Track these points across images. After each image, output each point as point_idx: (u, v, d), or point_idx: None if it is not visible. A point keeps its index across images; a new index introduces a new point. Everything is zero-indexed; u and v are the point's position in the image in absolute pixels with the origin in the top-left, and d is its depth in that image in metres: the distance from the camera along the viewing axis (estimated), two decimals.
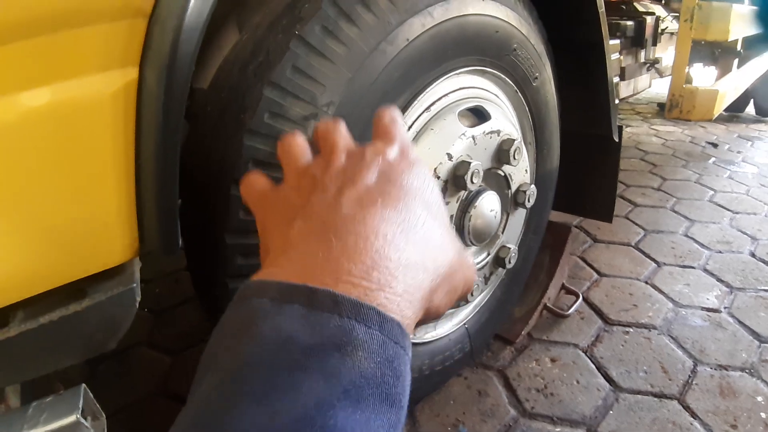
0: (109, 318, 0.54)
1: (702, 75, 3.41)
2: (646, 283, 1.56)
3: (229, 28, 0.92)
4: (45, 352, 0.53)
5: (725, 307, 1.43)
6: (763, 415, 1.07)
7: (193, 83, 0.91)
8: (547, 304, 1.33)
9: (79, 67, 0.45)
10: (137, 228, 0.52)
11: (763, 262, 1.68)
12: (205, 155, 0.65)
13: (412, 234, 0.30)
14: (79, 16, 0.44)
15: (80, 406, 0.52)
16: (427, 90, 0.78)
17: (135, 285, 0.54)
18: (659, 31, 2.20)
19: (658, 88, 3.13)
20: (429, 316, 0.32)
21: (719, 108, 1.97)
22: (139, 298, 0.55)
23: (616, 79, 1.85)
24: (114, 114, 0.47)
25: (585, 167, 1.32)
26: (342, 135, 0.38)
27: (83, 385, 0.58)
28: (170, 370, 1.21)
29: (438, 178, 0.77)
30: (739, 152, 2.97)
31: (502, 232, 0.96)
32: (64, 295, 0.51)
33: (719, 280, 1.58)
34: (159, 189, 0.50)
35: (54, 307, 0.51)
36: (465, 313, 1.07)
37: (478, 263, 0.93)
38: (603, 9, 1.06)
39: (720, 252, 1.75)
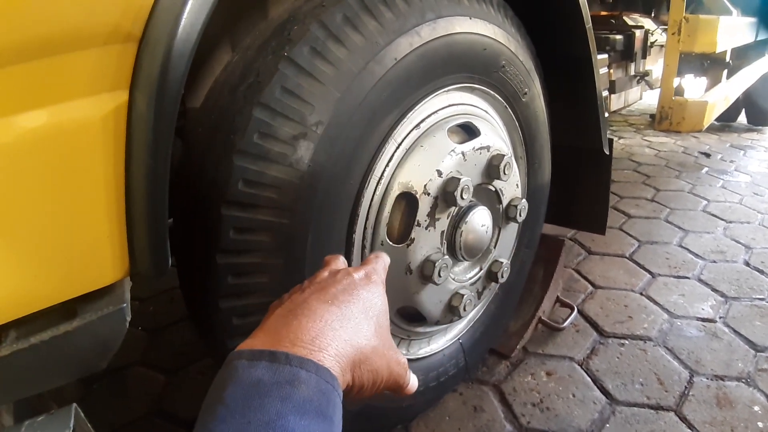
0: (99, 337, 0.54)
1: (693, 85, 3.45)
2: (641, 294, 1.56)
3: (222, 48, 0.93)
4: (37, 371, 0.53)
5: (720, 317, 1.44)
6: (760, 424, 1.07)
7: (186, 102, 0.93)
8: (542, 318, 1.33)
9: (71, 90, 0.46)
10: (127, 249, 0.52)
11: (758, 270, 1.69)
12: (196, 175, 0.66)
13: (345, 322, 0.46)
14: (70, 41, 0.45)
15: (71, 425, 0.52)
16: (416, 108, 0.79)
17: (125, 305, 0.54)
18: (649, 44, 2.23)
19: (650, 99, 3.17)
20: (358, 389, 0.47)
21: (709, 119, 1.99)
22: (129, 318, 0.55)
23: (605, 93, 1.87)
24: (104, 136, 0.48)
25: (577, 180, 1.33)
26: (338, 261, 0.56)
27: (74, 404, 0.58)
28: (164, 388, 1.20)
29: (428, 194, 0.78)
30: (731, 161, 3.00)
31: (494, 247, 0.97)
32: (55, 315, 0.51)
33: (714, 289, 1.58)
34: (149, 210, 0.51)
35: (45, 327, 0.51)
36: (459, 327, 1.07)
37: (470, 278, 0.94)
38: (590, 25, 1.08)
39: (714, 262, 1.76)
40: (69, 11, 0.44)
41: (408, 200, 0.79)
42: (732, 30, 2.16)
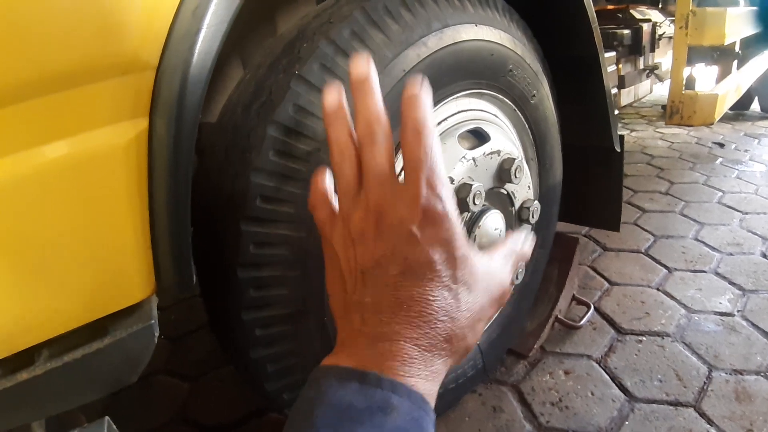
0: (129, 353, 0.56)
1: (705, 74, 3.42)
2: (658, 289, 1.56)
3: (233, 63, 0.95)
4: (70, 388, 0.55)
5: (738, 311, 1.43)
6: None
7: (201, 118, 0.95)
8: (559, 316, 1.34)
9: (94, 120, 0.48)
10: (153, 267, 0.54)
11: None
12: (214, 191, 0.68)
13: (432, 345, 0.40)
14: (92, 73, 0.47)
15: None
16: None
17: (153, 321, 0.56)
18: (657, 36, 2.22)
19: (661, 90, 3.14)
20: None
21: (720, 111, 1.97)
22: (157, 333, 0.57)
23: (614, 90, 1.87)
24: (127, 162, 0.50)
25: (589, 178, 1.33)
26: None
27: (107, 417, 0.60)
28: (188, 395, 1.23)
29: None
30: (746, 151, 2.96)
31: None
32: (87, 333, 0.53)
33: (731, 283, 1.57)
34: (172, 230, 0.53)
35: (77, 345, 0.53)
36: None
37: None
38: (596, 24, 1.09)
39: (731, 254, 1.75)
40: (90, 44, 0.46)
41: None
42: (740, 21, 2.14)
